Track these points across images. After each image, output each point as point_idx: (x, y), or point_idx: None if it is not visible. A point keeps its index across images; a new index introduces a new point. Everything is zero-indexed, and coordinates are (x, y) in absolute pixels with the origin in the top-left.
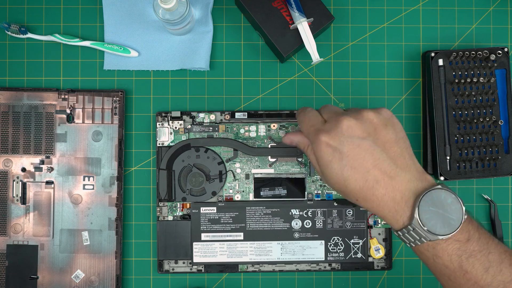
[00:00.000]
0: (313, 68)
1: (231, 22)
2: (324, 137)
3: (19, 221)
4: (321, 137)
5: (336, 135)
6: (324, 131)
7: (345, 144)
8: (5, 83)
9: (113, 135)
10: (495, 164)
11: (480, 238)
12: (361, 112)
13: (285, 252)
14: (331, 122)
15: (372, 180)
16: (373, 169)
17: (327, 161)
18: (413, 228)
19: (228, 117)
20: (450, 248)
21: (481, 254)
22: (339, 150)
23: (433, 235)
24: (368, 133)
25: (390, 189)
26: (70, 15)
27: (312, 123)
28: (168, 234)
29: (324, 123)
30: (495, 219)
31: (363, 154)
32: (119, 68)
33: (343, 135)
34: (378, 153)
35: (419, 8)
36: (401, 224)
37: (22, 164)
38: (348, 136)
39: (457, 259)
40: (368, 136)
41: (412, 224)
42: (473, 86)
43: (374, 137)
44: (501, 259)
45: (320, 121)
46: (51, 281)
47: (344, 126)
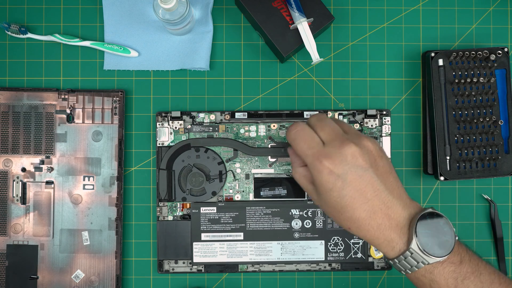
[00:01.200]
0: (313, 68)
1: (231, 22)
2: (328, 163)
3: (19, 221)
4: (325, 163)
5: (340, 163)
6: (327, 157)
7: (348, 174)
8: (5, 83)
9: (113, 135)
10: (495, 164)
11: (471, 259)
12: (362, 140)
13: (285, 252)
14: (333, 146)
15: (370, 210)
16: (372, 199)
17: (327, 188)
18: (412, 253)
19: (228, 117)
20: (446, 271)
21: (473, 275)
22: (342, 179)
23: (431, 258)
24: (369, 164)
25: (386, 219)
26: (70, 15)
27: (310, 145)
28: (168, 234)
29: (324, 146)
30: (495, 219)
31: (365, 185)
32: (119, 68)
33: (347, 164)
34: (378, 184)
35: (419, 8)
36: (397, 251)
37: (22, 164)
38: (352, 166)
39: (453, 282)
40: (370, 167)
41: (410, 249)
42: (473, 86)
43: (375, 167)
44: (492, 279)
45: (318, 143)
46: (51, 281)
47: (348, 155)
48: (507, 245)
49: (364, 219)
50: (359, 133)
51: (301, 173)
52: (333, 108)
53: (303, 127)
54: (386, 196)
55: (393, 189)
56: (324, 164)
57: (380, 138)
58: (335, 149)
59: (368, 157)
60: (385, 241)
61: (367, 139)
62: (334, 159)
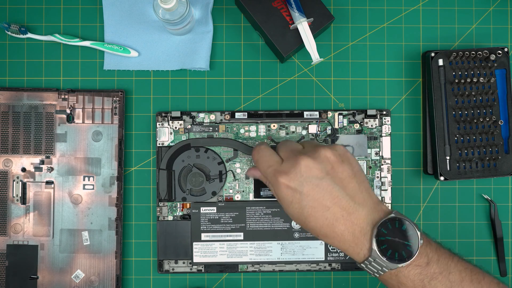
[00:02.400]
0: (313, 68)
1: (231, 22)
2: (283, 179)
3: (19, 221)
4: (280, 179)
5: (295, 176)
6: (283, 173)
7: (304, 185)
8: (5, 83)
9: (113, 135)
10: (495, 164)
11: (439, 259)
12: (317, 151)
13: (285, 252)
14: (288, 162)
15: (332, 218)
16: (332, 207)
17: (287, 202)
18: (374, 259)
19: (228, 117)
20: (412, 273)
21: (442, 275)
22: (299, 192)
23: (392, 264)
24: (326, 172)
25: (349, 225)
26: (70, 15)
27: (269, 164)
28: (168, 234)
29: (281, 163)
30: (495, 219)
31: (322, 193)
32: (119, 68)
33: (301, 176)
34: (336, 191)
35: (419, 8)
36: (362, 257)
37: (22, 164)
38: (306, 177)
39: (420, 284)
40: (326, 175)
41: (372, 256)
42: (473, 86)
43: (332, 175)
44: (462, 277)
45: (276, 161)
46: (51, 281)
47: (302, 167)
48: (507, 245)
49: (327, 226)
50: (318, 144)
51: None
52: (333, 108)
53: (264, 148)
54: (346, 202)
55: (355, 194)
56: (280, 180)
57: (380, 138)
58: (290, 164)
59: (323, 166)
60: (351, 247)
61: (326, 148)
62: (289, 174)
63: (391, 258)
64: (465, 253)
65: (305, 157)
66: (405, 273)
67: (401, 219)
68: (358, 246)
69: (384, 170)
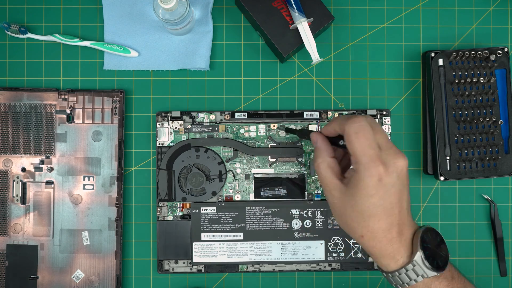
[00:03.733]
0: (313, 68)
1: (231, 22)
2: (383, 169)
3: (19, 221)
4: (380, 168)
5: (392, 172)
6: (384, 163)
7: (392, 186)
8: (5, 83)
9: (113, 135)
10: (495, 164)
11: (459, 276)
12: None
13: (285, 252)
14: (389, 154)
15: (391, 224)
16: (397, 215)
17: (369, 193)
18: (414, 266)
19: (228, 117)
20: (442, 285)
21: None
22: (386, 189)
23: (431, 272)
24: (407, 182)
25: (399, 234)
26: (70, 15)
27: (371, 144)
28: (168, 234)
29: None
30: (495, 219)
31: (398, 200)
32: (119, 68)
33: (397, 176)
34: (405, 202)
35: (419, 8)
36: (400, 264)
37: (22, 164)
38: (399, 178)
39: None
40: (407, 185)
41: (413, 261)
42: (473, 86)
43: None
44: None
45: (378, 145)
46: (51, 281)
47: (400, 168)
48: (507, 245)
49: (383, 230)
50: None
51: (329, 164)
52: (333, 108)
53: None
54: (405, 215)
55: (409, 209)
56: (379, 169)
57: None
58: (391, 158)
59: (407, 175)
60: (391, 254)
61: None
62: (388, 168)
63: (431, 265)
64: (465, 253)
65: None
66: (436, 284)
67: (436, 231)
68: (399, 253)
69: None
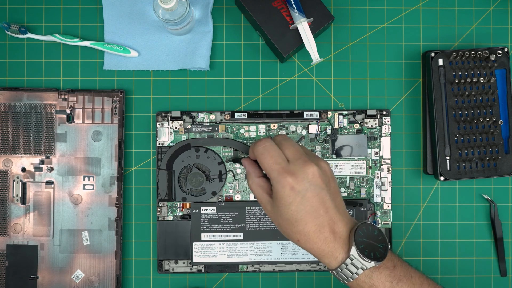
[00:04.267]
0: (313, 68)
1: (231, 22)
2: (291, 179)
3: (19, 221)
4: (288, 179)
5: (302, 180)
6: (291, 174)
7: (308, 191)
8: (5, 83)
9: (113, 135)
10: (495, 164)
11: (402, 264)
12: (319, 162)
13: (285, 252)
14: (297, 164)
15: (320, 225)
16: (323, 215)
17: (287, 202)
18: (352, 260)
19: (228, 117)
20: (383, 275)
21: (406, 278)
22: (302, 195)
23: (369, 263)
24: (325, 184)
25: (332, 233)
26: (70, 15)
27: (276, 161)
28: (168, 234)
29: (288, 163)
30: (495, 219)
31: (320, 202)
32: (119, 68)
33: (308, 181)
34: (329, 202)
35: (419, 8)
36: (340, 260)
37: (22, 164)
38: (312, 184)
39: (389, 285)
40: (325, 187)
41: (350, 256)
42: (473, 86)
43: (329, 187)
44: (421, 281)
45: (284, 159)
46: (51, 281)
47: (310, 174)
48: (507, 245)
49: (314, 232)
50: (317, 155)
51: (258, 183)
52: (333, 108)
53: (271, 143)
54: (334, 213)
55: (340, 207)
56: (288, 180)
57: (380, 138)
58: (299, 167)
59: (325, 177)
60: (329, 252)
61: (324, 162)
62: (297, 176)
63: (368, 256)
64: (465, 253)
65: (313, 164)
66: (377, 274)
67: (373, 225)
68: (337, 251)
69: (384, 170)
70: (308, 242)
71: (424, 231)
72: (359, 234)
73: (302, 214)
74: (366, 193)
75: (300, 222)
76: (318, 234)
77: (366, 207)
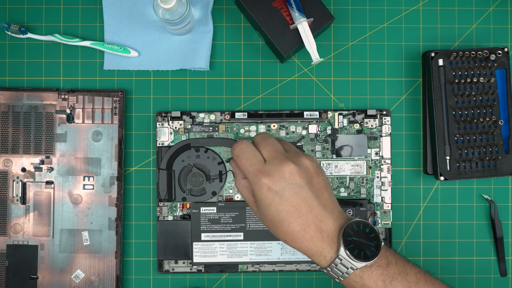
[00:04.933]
0: (313, 68)
1: (231, 22)
2: (267, 180)
3: (19, 221)
4: (264, 180)
5: (278, 180)
6: (267, 174)
7: (286, 190)
8: (5, 83)
9: (113, 135)
10: (495, 164)
11: (398, 262)
12: (300, 159)
13: (285, 252)
14: (273, 164)
15: (304, 224)
16: (307, 214)
17: (265, 203)
18: (341, 260)
19: (228, 117)
20: (375, 274)
21: (400, 276)
22: (280, 195)
23: (358, 263)
24: (306, 181)
25: (318, 231)
26: (70, 15)
27: (252, 162)
28: (168, 234)
29: (265, 163)
30: (495, 219)
31: (301, 200)
32: (119, 68)
33: (285, 181)
34: (313, 199)
35: (419, 8)
36: (329, 260)
37: (22, 164)
38: (289, 183)
39: (382, 284)
40: (306, 184)
41: (339, 256)
42: (473, 86)
43: (311, 184)
44: (417, 278)
45: (260, 160)
46: (51, 281)
47: (287, 172)
48: (507, 245)
49: (298, 232)
50: (299, 151)
51: (244, 185)
52: (333, 108)
53: (246, 145)
54: (319, 211)
55: (326, 204)
56: (263, 181)
57: (380, 138)
58: (275, 167)
59: (305, 174)
60: (318, 252)
61: (306, 157)
62: (273, 176)
63: (357, 256)
64: (465, 253)
65: (290, 162)
66: (369, 273)
67: (365, 222)
68: (325, 250)
69: (384, 170)
70: (295, 242)
71: (424, 231)
72: (348, 233)
73: (283, 215)
74: (366, 193)
75: (283, 223)
76: (304, 234)
77: (366, 207)
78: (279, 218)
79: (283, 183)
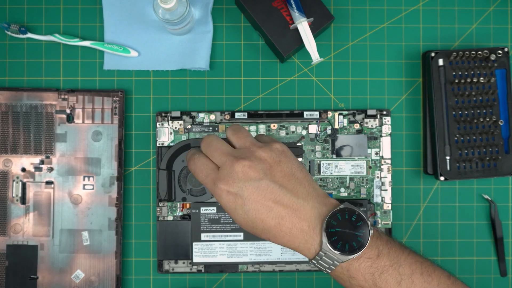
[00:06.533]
0: (313, 68)
1: (231, 22)
2: (223, 185)
3: (19, 221)
4: (220, 186)
5: (233, 181)
6: (221, 180)
7: (244, 189)
8: (5, 83)
9: (113, 135)
10: (495, 164)
11: (390, 252)
12: (253, 153)
13: (285, 252)
14: (224, 168)
15: (277, 217)
16: (275, 206)
17: (232, 208)
18: (325, 253)
19: (228, 117)
20: (363, 266)
21: (392, 268)
22: (240, 196)
23: (343, 256)
24: (264, 173)
25: (296, 221)
26: (70, 15)
27: (206, 173)
28: (168, 234)
29: (218, 170)
30: (495, 219)
31: (263, 194)
32: (119, 68)
33: (240, 180)
34: (277, 189)
35: (419, 8)
36: (314, 252)
37: (22, 164)
38: (245, 181)
39: (370, 277)
40: (264, 176)
41: (322, 249)
42: (473, 86)
43: (271, 174)
44: (412, 270)
45: (212, 169)
46: (51, 281)
47: (239, 171)
48: (507, 245)
49: (275, 226)
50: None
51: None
52: (333, 108)
53: (198, 157)
54: (289, 199)
55: (297, 190)
56: (220, 187)
57: (380, 138)
58: (227, 170)
59: (260, 167)
60: (301, 244)
61: (260, 149)
62: (227, 180)
63: (341, 250)
64: (465, 253)
65: (240, 160)
66: (356, 266)
67: (351, 209)
68: (308, 242)
69: (384, 170)
70: (276, 238)
71: (424, 231)
72: (331, 223)
73: (253, 214)
74: (366, 193)
75: (256, 222)
76: (280, 227)
77: (366, 207)
78: (250, 218)
79: (239, 183)
